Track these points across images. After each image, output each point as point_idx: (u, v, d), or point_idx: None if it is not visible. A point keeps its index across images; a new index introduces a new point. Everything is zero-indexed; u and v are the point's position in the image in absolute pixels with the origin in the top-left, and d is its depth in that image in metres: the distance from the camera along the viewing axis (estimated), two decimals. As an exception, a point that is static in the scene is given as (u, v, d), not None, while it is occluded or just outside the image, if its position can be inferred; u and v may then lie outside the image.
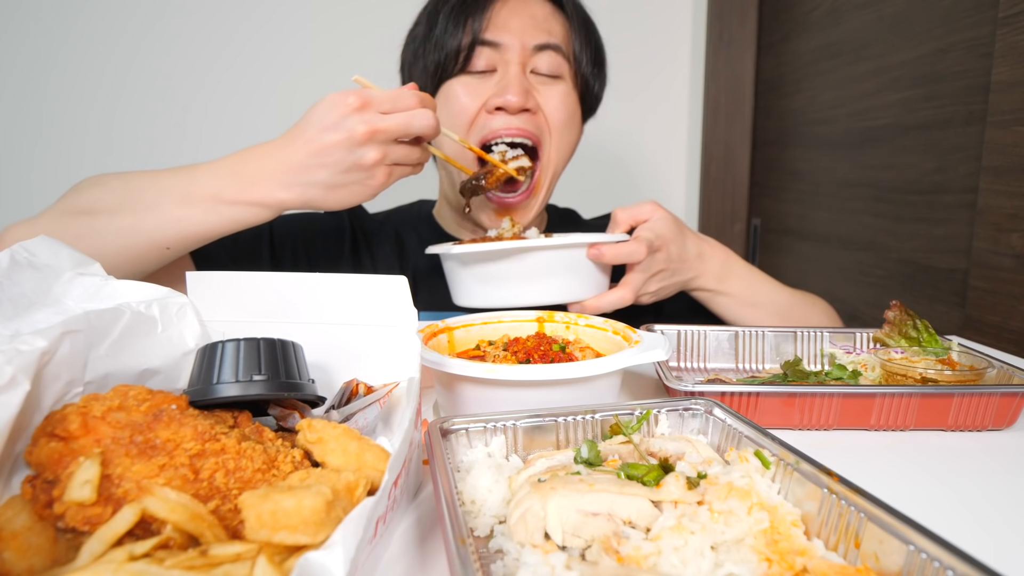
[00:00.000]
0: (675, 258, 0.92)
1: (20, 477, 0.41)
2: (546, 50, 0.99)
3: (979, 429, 0.64)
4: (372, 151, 0.76)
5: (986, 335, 1.10)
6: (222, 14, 1.74)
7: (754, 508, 0.39)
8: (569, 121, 1.03)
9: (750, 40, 1.93)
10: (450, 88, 1.00)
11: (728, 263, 0.98)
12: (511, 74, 0.97)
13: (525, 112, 0.97)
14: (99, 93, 1.73)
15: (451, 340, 0.75)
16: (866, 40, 1.47)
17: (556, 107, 1.00)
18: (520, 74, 0.97)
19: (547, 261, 0.84)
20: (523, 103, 0.95)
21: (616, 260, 0.85)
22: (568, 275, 0.86)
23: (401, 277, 0.54)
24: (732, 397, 0.63)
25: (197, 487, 0.39)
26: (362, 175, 0.78)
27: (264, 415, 0.51)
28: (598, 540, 0.38)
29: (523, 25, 0.98)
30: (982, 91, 1.12)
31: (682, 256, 0.93)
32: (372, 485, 0.42)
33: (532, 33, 0.98)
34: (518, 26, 0.97)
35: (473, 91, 0.98)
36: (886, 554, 0.35)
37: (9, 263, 0.49)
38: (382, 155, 0.76)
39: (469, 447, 0.50)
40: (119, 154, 1.76)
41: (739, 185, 2.01)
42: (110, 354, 0.47)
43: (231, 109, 1.77)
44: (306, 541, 0.34)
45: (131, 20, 1.71)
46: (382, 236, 1.17)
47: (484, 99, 0.97)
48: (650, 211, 0.91)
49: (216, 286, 0.56)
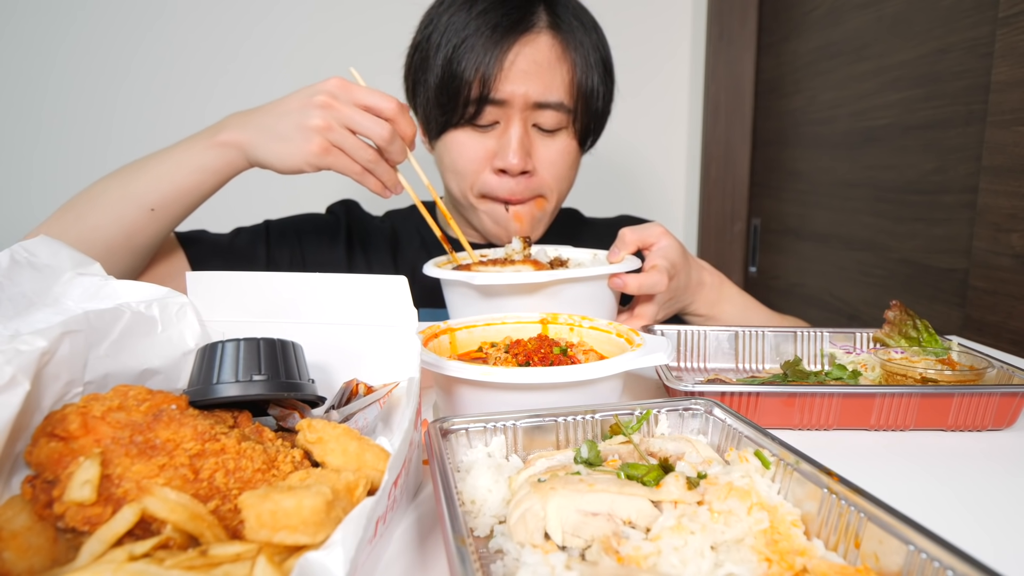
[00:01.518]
0: (681, 286, 0.93)
1: (20, 477, 0.41)
2: (547, 108, 1.00)
3: (979, 429, 0.64)
4: (317, 117, 0.82)
5: (986, 335, 1.10)
6: (219, 12, 1.74)
7: (754, 508, 0.39)
8: (568, 170, 1.08)
9: (750, 40, 1.93)
10: (455, 138, 1.02)
11: (721, 289, 1.00)
12: (513, 135, 0.99)
13: (525, 174, 1.01)
14: (98, 92, 1.73)
15: (453, 341, 0.75)
16: (866, 40, 1.47)
17: (553, 162, 1.04)
18: (522, 134, 1.00)
19: (574, 293, 0.83)
20: (523, 166, 0.99)
21: (640, 291, 0.85)
22: (588, 303, 0.85)
23: (401, 277, 0.54)
24: (732, 397, 0.63)
25: (197, 487, 0.39)
26: (304, 134, 0.83)
27: (264, 415, 0.51)
28: (598, 540, 0.38)
29: (528, 77, 0.98)
30: (982, 91, 1.12)
31: (687, 284, 0.94)
32: (372, 485, 0.42)
33: (536, 88, 0.98)
34: (523, 80, 0.98)
35: (477, 145, 1.02)
36: (886, 554, 0.35)
37: (9, 263, 0.49)
38: (325, 125, 0.82)
39: (469, 447, 0.50)
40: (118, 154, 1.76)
41: (739, 185, 2.01)
42: (110, 354, 0.47)
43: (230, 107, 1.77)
44: (306, 541, 0.34)
45: (130, 20, 1.71)
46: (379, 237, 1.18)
47: (486, 153, 1.01)
48: (658, 235, 0.90)
49: (216, 286, 0.56)
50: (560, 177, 1.06)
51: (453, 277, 0.83)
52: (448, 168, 1.06)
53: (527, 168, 1.00)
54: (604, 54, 1.07)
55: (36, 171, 1.74)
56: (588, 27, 1.05)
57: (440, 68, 0.99)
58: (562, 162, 1.05)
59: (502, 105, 0.98)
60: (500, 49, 0.96)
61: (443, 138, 1.04)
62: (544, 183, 1.04)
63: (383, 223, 1.23)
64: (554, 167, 1.04)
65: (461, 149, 1.02)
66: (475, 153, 1.01)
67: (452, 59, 0.97)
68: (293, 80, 1.76)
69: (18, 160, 1.73)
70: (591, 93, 1.04)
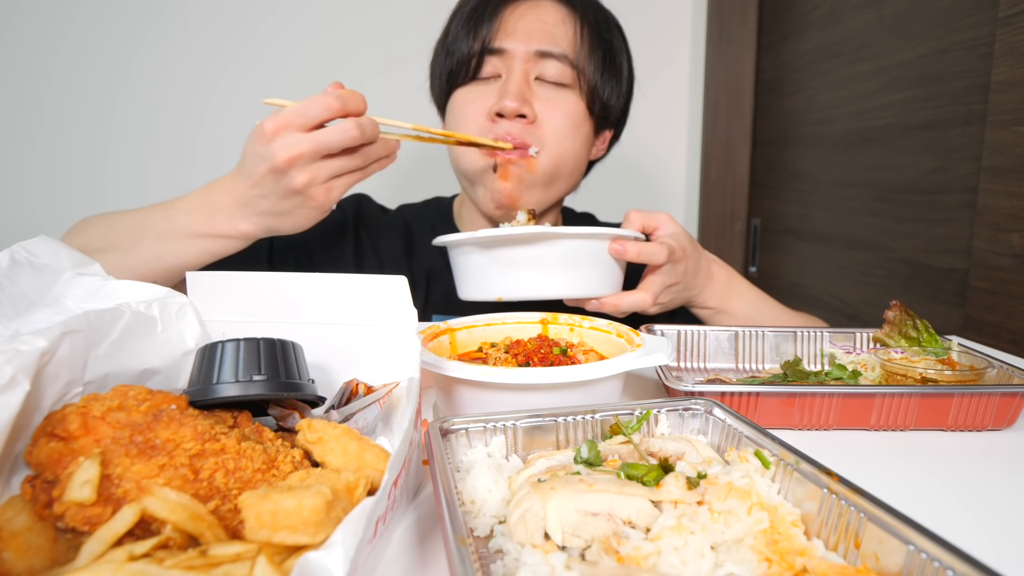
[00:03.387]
0: (690, 273, 0.91)
1: (20, 477, 0.41)
2: (550, 58, 0.98)
3: (979, 429, 0.64)
4: (299, 175, 0.75)
5: (986, 335, 1.10)
6: (221, 13, 1.74)
7: (754, 508, 0.39)
8: (572, 131, 1.01)
9: (750, 40, 1.93)
10: (457, 97, 1.01)
11: (732, 283, 0.99)
12: (511, 80, 0.97)
13: (522, 118, 0.97)
14: (98, 91, 1.73)
15: (453, 341, 0.75)
16: (866, 40, 1.47)
17: (554, 113, 0.99)
18: (521, 80, 0.97)
19: (573, 249, 0.81)
20: (519, 109, 0.95)
21: (639, 258, 0.83)
22: (590, 267, 0.83)
23: (401, 277, 0.54)
24: (732, 397, 0.63)
25: (197, 487, 0.39)
26: (299, 199, 0.77)
27: (264, 415, 0.51)
28: (598, 540, 0.38)
29: (529, 30, 0.97)
30: (982, 91, 1.12)
31: (695, 272, 0.93)
32: (372, 485, 0.42)
33: (538, 39, 0.97)
34: (524, 31, 0.97)
35: (477, 98, 0.99)
36: (886, 554, 0.35)
37: (9, 263, 0.49)
38: (310, 177, 0.75)
39: (469, 447, 0.50)
40: (117, 153, 1.76)
41: (739, 185, 2.01)
42: (110, 354, 0.47)
43: (230, 107, 1.77)
44: (306, 541, 0.34)
45: (131, 19, 1.71)
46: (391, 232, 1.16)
47: (488, 105, 0.98)
48: (665, 221, 0.90)
49: (216, 286, 0.56)
50: (559, 132, 0.99)
51: (456, 238, 0.82)
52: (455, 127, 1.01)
53: (523, 111, 0.96)
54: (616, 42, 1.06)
55: (35, 171, 1.74)
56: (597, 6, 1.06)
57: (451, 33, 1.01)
58: (564, 117, 1.00)
59: (502, 55, 0.98)
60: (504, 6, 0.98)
61: (450, 102, 1.03)
62: (541, 134, 0.99)
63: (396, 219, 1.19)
64: (554, 119, 0.99)
65: (464, 106, 1.00)
66: (477, 106, 0.98)
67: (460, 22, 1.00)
68: (292, 80, 1.76)
69: (18, 160, 1.73)
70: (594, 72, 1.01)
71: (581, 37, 1.01)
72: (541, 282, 0.81)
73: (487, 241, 0.81)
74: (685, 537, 0.37)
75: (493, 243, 0.81)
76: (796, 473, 0.42)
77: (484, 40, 0.97)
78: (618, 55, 1.07)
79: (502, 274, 0.82)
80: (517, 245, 0.80)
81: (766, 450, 0.45)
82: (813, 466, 0.41)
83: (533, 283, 0.81)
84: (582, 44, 1.01)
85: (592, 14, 1.03)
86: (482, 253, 0.83)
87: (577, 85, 1.01)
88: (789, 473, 0.43)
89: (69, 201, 1.74)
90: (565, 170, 1.04)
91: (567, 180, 1.06)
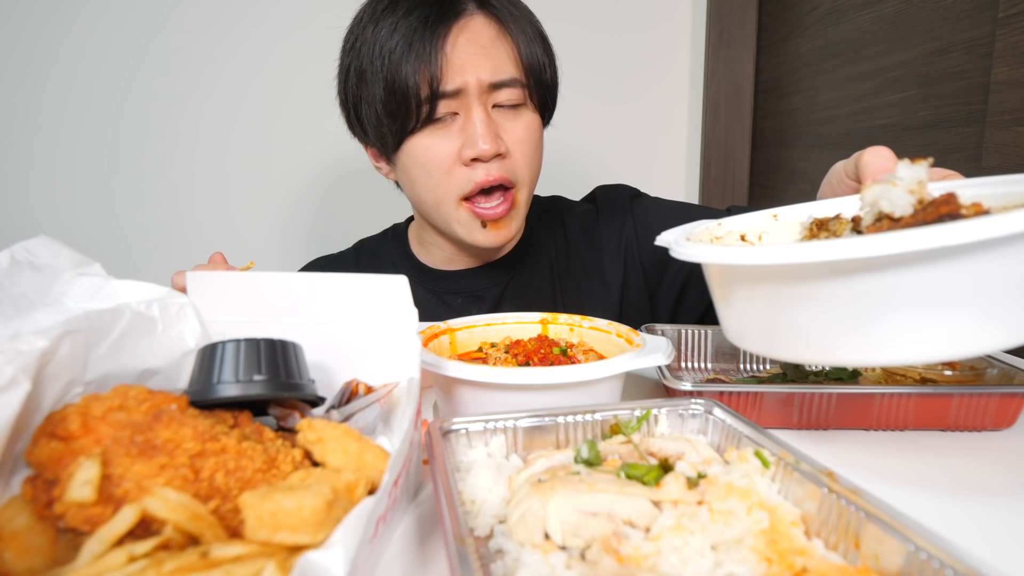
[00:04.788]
0: None
1: (20, 477, 0.41)
2: (501, 88, 0.96)
3: (979, 429, 0.64)
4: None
5: (986, 335, 1.09)
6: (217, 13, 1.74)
7: (754, 508, 0.39)
8: (536, 147, 1.02)
9: (750, 40, 1.93)
10: (417, 143, 0.96)
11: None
12: (477, 121, 0.93)
13: (498, 157, 0.96)
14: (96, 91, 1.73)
15: (453, 341, 0.75)
16: (866, 40, 1.47)
17: (522, 139, 0.98)
18: (486, 118, 0.94)
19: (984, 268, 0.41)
20: (496, 149, 0.93)
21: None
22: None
23: (401, 277, 0.54)
24: (732, 397, 0.63)
25: (197, 487, 0.39)
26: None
27: (264, 415, 0.51)
28: (598, 540, 0.38)
29: (476, 61, 0.93)
30: (982, 91, 1.12)
31: None
32: (372, 485, 0.42)
33: (487, 70, 0.94)
34: (471, 64, 0.93)
35: (440, 142, 0.95)
36: (886, 554, 0.35)
37: (9, 263, 0.49)
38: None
39: (469, 447, 0.50)
40: (117, 153, 1.76)
41: (739, 185, 2.01)
42: (110, 354, 0.47)
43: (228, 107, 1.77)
44: (306, 541, 0.34)
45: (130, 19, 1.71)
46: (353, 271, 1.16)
47: (454, 148, 0.95)
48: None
49: (216, 286, 0.56)
50: (530, 156, 1.00)
51: (776, 260, 0.44)
52: (416, 178, 0.99)
53: (500, 150, 0.95)
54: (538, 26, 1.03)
55: (35, 171, 1.74)
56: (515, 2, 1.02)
57: (383, 79, 0.93)
58: (530, 139, 1.00)
59: (456, 96, 0.94)
60: (438, 39, 0.92)
61: (403, 149, 0.98)
62: (516, 166, 0.98)
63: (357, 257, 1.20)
64: (524, 145, 0.99)
65: (427, 151, 0.96)
66: (442, 151, 0.95)
67: (392, 65, 0.92)
68: (291, 79, 1.77)
69: (17, 160, 1.73)
70: (538, 65, 1.00)
71: (519, 48, 0.98)
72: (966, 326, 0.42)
73: (838, 266, 0.42)
74: (685, 537, 0.37)
75: (844, 268, 0.42)
76: (796, 473, 0.42)
77: (433, 82, 0.92)
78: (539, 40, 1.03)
79: (879, 319, 0.42)
80: (918, 264, 0.40)
81: (766, 450, 0.45)
82: (813, 466, 0.41)
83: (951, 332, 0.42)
84: (521, 53, 0.98)
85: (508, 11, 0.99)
86: (814, 284, 0.44)
87: (528, 101, 1.00)
88: (789, 473, 0.43)
89: (69, 201, 1.74)
90: (534, 187, 1.06)
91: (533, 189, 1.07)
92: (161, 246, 1.79)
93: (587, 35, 1.89)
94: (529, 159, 1.00)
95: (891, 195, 0.47)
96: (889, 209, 0.47)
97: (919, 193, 0.47)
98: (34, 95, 1.71)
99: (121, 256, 1.77)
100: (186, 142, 1.78)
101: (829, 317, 0.44)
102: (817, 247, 0.41)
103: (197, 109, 1.76)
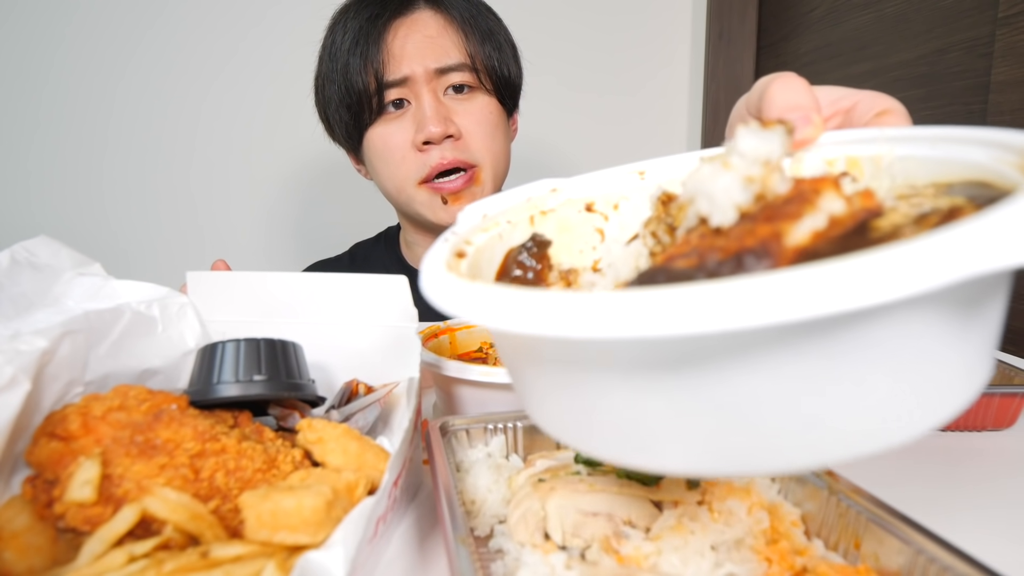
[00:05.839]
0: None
1: (20, 477, 0.41)
2: (450, 72, 0.98)
3: (979, 429, 0.64)
4: None
5: (986, 335, 1.09)
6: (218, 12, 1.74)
7: (754, 508, 0.39)
8: (495, 130, 1.03)
9: (750, 40, 1.93)
10: (373, 137, 1.00)
11: None
12: (425, 105, 0.96)
13: (450, 138, 0.98)
14: (95, 90, 1.73)
15: (453, 341, 0.75)
16: (866, 40, 1.47)
17: (477, 121, 1.00)
18: (434, 101, 0.96)
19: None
20: (445, 131, 0.95)
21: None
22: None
23: (401, 277, 0.54)
24: (732, 397, 0.63)
25: (197, 487, 0.39)
26: None
27: (264, 415, 0.51)
28: (598, 540, 0.38)
29: (421, 50, 0.96)
30: (982, 91, 1.12)
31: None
32: (372, 485, 0.42)
33: (432, 56, 0.96)
34: (417, 53, 0.96)
35: (395, 132, 0.98)
36: (886, 554, 0.35)
37: (9, 263, 0.49)
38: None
39: (469, 447, 0.50)
40: (116, 153, 1.76)
41: (739, 185, 2.01)
42: (110, 354, 0.47)
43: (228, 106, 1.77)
44: (306, 541, 0.34)
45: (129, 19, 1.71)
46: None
47: (408, 135, 0.98)
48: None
49: (216, 286, 0.56)
50: (487, 138, 1.01)
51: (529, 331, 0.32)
52: (378, 169, 1.03)
53: (450, 132, 0.97)
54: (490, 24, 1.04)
55: (35, 171, 1.74)
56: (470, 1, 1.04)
57: (338, 78, 0.98)
58: (485, 121, 1.01)
59: (404, 84, 0.96)
60: (382, 33, 0.95)
61: (364, 143, 1.02)
62: (471, 148, 1.00)
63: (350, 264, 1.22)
64: (479, 127, 1.00)
65: (383, 140, 0.99)
66: (398, 138, 0.98)
67: (343, 64, 0.97)
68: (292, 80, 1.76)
69: (17, 160, 1.73)
70: (487, 56, 1.01)
71: (467, 38, 1.00)
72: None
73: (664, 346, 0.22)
74: (685, 537, 0.37)
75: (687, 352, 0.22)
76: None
77: (377, 74, 0.95)
78: (498, 33, 1.05)
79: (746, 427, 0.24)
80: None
81: (766, 450, 0.45)
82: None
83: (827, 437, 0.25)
84: (470, 44, 1.00)
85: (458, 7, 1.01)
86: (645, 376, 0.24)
87: (481, 85, 1.01)
88: (789, 473, 0.43)
89: (69, 201, 1.74)
90: (501, 169, 1.06)
91: (503, 178, 1.08)
92: (161, 246, 1.79)
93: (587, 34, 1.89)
94: (486, 140, 1.01)
95: (713, 187, 0.27)
96: (706, 211, 0.27)
97: (764, 181, 0.27)
98: (34, 95, 1.71)
99: (121, 256, 1.77)
100: (186, 143, 1.77)
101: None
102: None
103: (197, 109, 1.76)
